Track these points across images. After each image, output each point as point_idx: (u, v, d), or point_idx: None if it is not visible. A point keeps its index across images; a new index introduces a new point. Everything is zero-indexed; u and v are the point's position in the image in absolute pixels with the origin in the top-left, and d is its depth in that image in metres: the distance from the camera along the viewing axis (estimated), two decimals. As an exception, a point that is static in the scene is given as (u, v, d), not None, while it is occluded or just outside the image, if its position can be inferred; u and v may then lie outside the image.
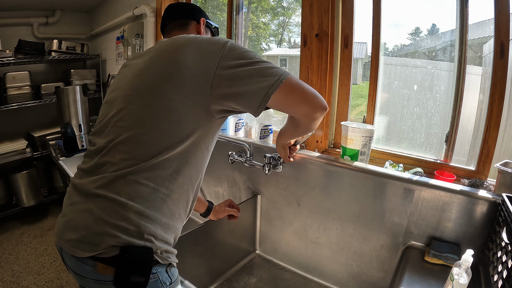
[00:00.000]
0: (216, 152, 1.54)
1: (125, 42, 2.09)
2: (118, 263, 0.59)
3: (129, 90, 0.69)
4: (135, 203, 0.62)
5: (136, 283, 0.60)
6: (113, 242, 0.60)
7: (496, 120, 0.97)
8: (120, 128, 0.66)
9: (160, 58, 0.69)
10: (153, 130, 0.64)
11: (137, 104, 0.66)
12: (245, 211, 1.34)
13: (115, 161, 0.64)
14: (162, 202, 0.66)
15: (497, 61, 0.95)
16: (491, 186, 0.96)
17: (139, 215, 0.62)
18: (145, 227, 0.62)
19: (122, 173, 0.63)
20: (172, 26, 0.90)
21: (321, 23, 1.23)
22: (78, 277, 0.65)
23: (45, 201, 2.56)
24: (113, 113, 0.68)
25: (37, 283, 1.79)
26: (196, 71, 0.64)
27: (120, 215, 0.61)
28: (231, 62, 0.64)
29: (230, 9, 1.75)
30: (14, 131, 2.49)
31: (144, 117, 0.65)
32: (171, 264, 0.69)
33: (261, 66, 0.64)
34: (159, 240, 0.65)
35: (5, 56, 2.16)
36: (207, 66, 0.64)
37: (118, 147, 0.65)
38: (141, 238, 0.62)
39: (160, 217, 0.66)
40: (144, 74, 0.68)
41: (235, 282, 1.23)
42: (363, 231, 1.09)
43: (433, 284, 0.80)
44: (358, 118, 1.36)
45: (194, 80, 0.64)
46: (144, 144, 0.64)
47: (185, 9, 0.92)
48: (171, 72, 0.65)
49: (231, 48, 0.65)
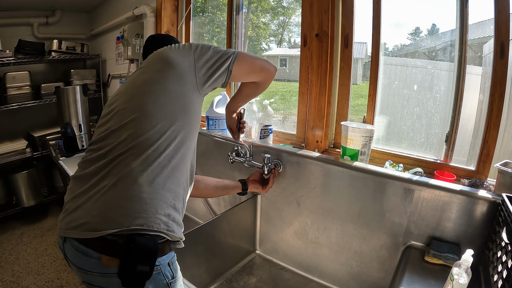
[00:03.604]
0: (216, 152, 1.55)
1: (125, 42, 2.09)
2: (123, 251, 0.61)
3: (128, 88, 0.79)
4: (146, 173, 0.67)
5: (141, 273, 0.61)
6: (125, 216, 0.62)
7: (496, 120, 0.97)
8: (123, 115, 0.73)
9: (151, 63, 0.81)
10: (155, 106, 0.73)
11: (136, 96, 0.75)
12: (245, 211, 1.34)
13: (122, 139, 0.69)
14: (170, 171, 0.71)
15: (497, 61, 0.95)
16: (491, 186, 0.96)
17: (150, 182, 0.67)
18: (156, 193, 0.67)
19: (130, 147, 0.68)
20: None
21: (321, 23, 1.23)
22: (82, 272, 0.65)
23: (45, 201, 2.56)
24: (115, 106, 0.76)
25: (37, 283, 1.79)
26: (183, 62, 0.79)
27: (132, 188, 0.65)
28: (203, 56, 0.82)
29: (230, 9, 1.75)
30: (14, 131, 2.49)
31: (144, 101, 0.73)
32: (174, 257, 0.71)
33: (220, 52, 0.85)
34: (170, 207, 0.69)
35: (5, 56, 2.17)
36: (188, 58, 0.80)
37: (124, 126, 0.71)
38: (153, 212, 0.65)
39: (169, 184, 0.71)
40: (140, 77, 0.79)
41: (235, 282, 1.23)
42: (363, 231, 1.09)
43: (433, 284, 0.80)
44: (358, 118, 1.36)
45: (182, 68, 0.78)
46: (147, 117, 0.71)
47: (164, 40, 1.06)
48: (162, 67, 0.78)
49: (197, 46, 0.84)
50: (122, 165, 0.67)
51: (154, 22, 2.00)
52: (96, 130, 0.78)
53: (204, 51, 0.82)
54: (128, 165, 0.66)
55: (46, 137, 2.39)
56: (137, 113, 0.71)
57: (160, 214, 0.66)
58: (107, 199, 0.64)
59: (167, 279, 0.67)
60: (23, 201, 2.39)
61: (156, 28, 2.01)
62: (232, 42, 1.78)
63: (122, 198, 0.64)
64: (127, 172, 0.66)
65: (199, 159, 1.68)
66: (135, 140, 0.68)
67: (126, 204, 0.64)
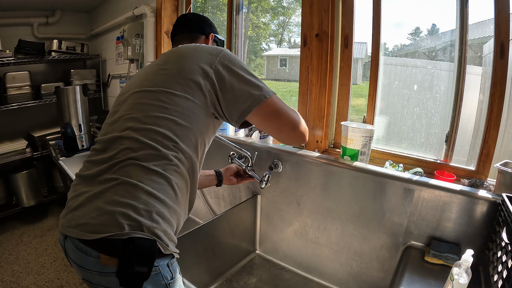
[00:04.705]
0: (216, 152, 1.55)
1: (125, 42, 2.09)
2: (122, 252, 0.61)
3: (138, 87, 0.76)
4: (145, 184, 0.66)
5: (139, 274, 0.61)
6: (123, 221, 0.62)
7: (496, 120, 0.97)
8: (131, 120, 0.71)
9: (168, 62, 0.77)
10: (159, 120, 0.70)
11: (142, 101, 0.73)
12: (245, 211, 1.34)
13: (125, 147, 0.68)
14: (169, 186, 0.70)
15: (497, 61, 0.95)
16: (491, 186, 0.96)
17: (149, 194, 0.66)
18: (153, 207, 0.66)
19: (133, 156, 0.67)
20: (182, 37, 0.96)
21: (321, 23, 1.23)
22: (81, 269, 0.66)
23: (45, 201, 2.56)
24: (124, 109, 0.74)
25: (37, 283, 1.79)
26: (198, 71, 0.73)
27: (131, 194, 0.64)
28: (225, 68, 0.75)
29: (230, 9, 1.75)
30: (14, 131, 2.49)
31: (150, 112, 0.71)
32: (173, 258, 0.70)
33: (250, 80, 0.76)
34: (166, 222, 0.68)
35: (5, 56, 2.16)
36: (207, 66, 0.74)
37: (131, 134, 0.69)
38: (149, 218, 0.64)
39: (168, 199, 0.69)
40: (153, 75, 0.76)
41: (235, 282, 1.23)
42: (363, 231, 1.09)
43: (433, 284, 0.80)
44: (358, 118, 1.36)
45: (196, 79, 0.73)
46: (151, 132, 0.69)
47: (197, 23, 0.98)
48: (185, 83, 0.73)
49: (225, 55, 0.77)
50: (123, 172, 0.66)
51: (154, 22, 2.00)
52: (104, 126, 0.77)
53: (231, 69, 0.76)
54: (128, 173, 0.66)
55: (46, 137, 2.39)
56: (141, 125, 0.70)
57: (155, 228, 0.65)
58: (105, 203, 0.64)
59: (165, 280, 0.67)
60: (23, 201, 2.39)
61: (156, 28, 2.01)
62: (232, 42, 1.78)
63: (119, 205, 0.63)
64: (127, 180, 0.65)
65: (199, 159, 1.67)
66: (138, 151, 0.68)
67: (123, 211, 0.63)
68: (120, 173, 0.66)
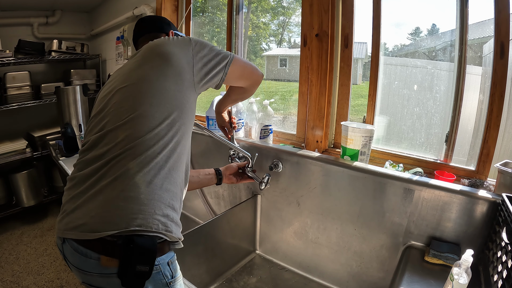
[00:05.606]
0: (216, 152, 1.55)
1: (125, 42, 2.09)
2: (123, 252, 0.61)
3: (123, 83, 0.76)
4: (143, 173, 0.66)
5: (141, 273, 0.61)
6: (125, 215, 0.62)
7: (496, 120, 0.97)
8: (119, 115, 0.71)
9: (147, 57, 0.78)
10: (152, 107, 0.72)
11: (132, 94, 0.73)
12: (245, 211, 1.34)
13: (118, 141, 0.68)
14: (167, 171, 0.71)
15: (497, 61, 0.95)
16: (491, 186, 0.96)
17: (148, 183, 0.66)
18: (153, 193, 0.67)
19: (127, 148, 0.67)
20: (143, 39, 0.98)
21: (321, 23, 1.23)
22: (81, 273, 0.65)
23: (45, 201, 2.56)
24: (110, 104, 0.74)
25: (37, 283, 1.79)
26: (181, 58, 0.77)
27: (129, 186, 0.65)
28: (201, 52, 0.81)
29: (230, 9, 1.75)
30: (14, 131, 2.49)
31: (140, 101, 0.72)
32: (173, 257, 0.71)
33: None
34: (168, 207, 0.69)
35: (5, 56, 2.16)
36: (187, 54, 0.78)
37: (121, 127, 0.70)
38: (150, 207, 0.65)
39: (167, 184, 0.70)
40: (135, 73, 0.76)
41: (235, 282, 1.23)
42: (363, 231, 1.09)
43: (433, 284, 0.80)
44: (358, 118, 1.36)
45: (181, 66, 0.76)
46: (144, 118, 0.70)
47: (154, 23, 1.01)
48: (160, 63, 0.75)
49: (196, 42, 0.82)
50: (119, 166, 0.66)
51: (154, 22, 2.00)
52: (90, 126, 0.77)
53: (202, 48, 0.81)
54: (125, 166, 0.66)
55: (46, 137, 2.39)
56: (134, 114, 0.70)
57: (158, 215, 0.66)
58: (105, 200, 0.64)
59: (166, 279, 0.67)
60: (23, 201, 2.39)
61: (156, 28, 2.01)
62: (232, 42, 1.78)
63: (119, 199, 0.64)
64: (125, 173, 0.66)
65: (199, 159, 1.68)
66: (132, 141, 0.68)
67: (124, 205, 0.63)
68: (116, 168, 0.66)
